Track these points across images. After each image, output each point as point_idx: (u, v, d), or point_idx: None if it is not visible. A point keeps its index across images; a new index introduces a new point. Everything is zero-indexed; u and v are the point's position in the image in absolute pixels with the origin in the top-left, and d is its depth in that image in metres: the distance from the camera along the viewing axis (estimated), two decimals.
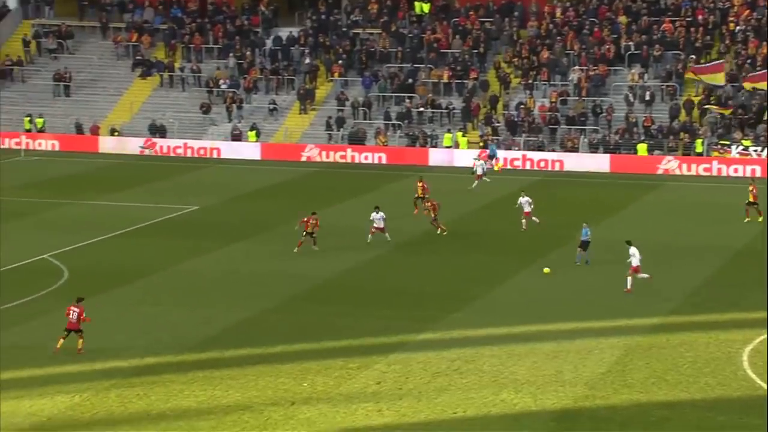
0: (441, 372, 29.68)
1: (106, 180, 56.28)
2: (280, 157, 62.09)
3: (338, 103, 65.56)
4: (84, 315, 31.20)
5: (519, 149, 61.59)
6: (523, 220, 44.57)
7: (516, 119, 63.14)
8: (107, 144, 64.09)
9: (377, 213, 42.26)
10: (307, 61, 68.17)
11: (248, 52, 69.15)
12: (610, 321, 33.81)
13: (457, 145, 61.73)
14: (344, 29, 70.32)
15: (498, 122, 63.41)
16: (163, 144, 63.65)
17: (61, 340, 31.01)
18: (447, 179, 53.92)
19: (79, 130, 65.17)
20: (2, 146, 63.51)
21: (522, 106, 63.63)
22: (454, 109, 64.46)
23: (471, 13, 69.33)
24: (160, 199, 51.46)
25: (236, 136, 64.29)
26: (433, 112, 64.59)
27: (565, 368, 29.76)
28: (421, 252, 42.50)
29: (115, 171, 58.88)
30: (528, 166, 60.47)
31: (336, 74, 67.48)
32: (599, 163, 60.14)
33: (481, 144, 61.52)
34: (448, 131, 62.84)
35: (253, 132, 63.96)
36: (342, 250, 41.72)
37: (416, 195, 47.01)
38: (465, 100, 64.37)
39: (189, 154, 63.19)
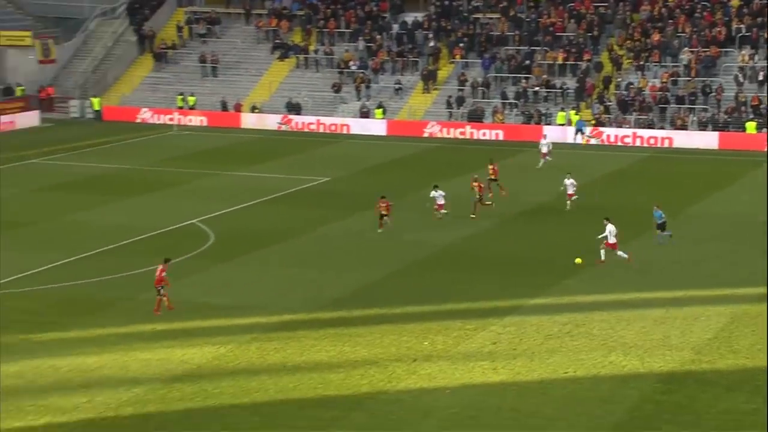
0: (553, 334, 29.39)
1: (248, 153, 57.01)
2: (404, 133, 62.03)
3: (459, 83, 65.16)
4: (164, 275, 31.29)
5: (630, 127, 60.36)
6: (568, 201, 43.19)
7: (627, 98, 61.87)
8: (249, 120, 64.88)
9: (436, 191, 41.24)
10: (431, 44, 67.87)
11: (377, 36, 69.19)
12: (717, 290, 32.99)
13: (569, 123, 60.79)
14: (465, 14, 69.74)
15: (610, 101, 62.24)
16: (298, 120, 64.17)
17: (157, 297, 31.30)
18: (559, 155, 53.16)
19: (224, 107, 66.14)
20: (158, 122, 64.78)
21: (633, 86, 62.31)
22: (567, 88, 63.48)
23: None
24: (295, 171, 51.94)
25: (364, 114, 64.48)
26: (547, 92, 63.70)
27: (672, 333, 29.18)
28: (536, 222, 42.07)
29: (255, 145, 59.60)
30: (638, 143, 59.23)
31: (457, 56, 67.04)
32: (708, 140, 58.53)
33: (593, 122, 60.48)
34: (562, 110, 61.95)
35: (380, 110, 64.03)
36: (461, 219, 41.51)
37: (489, 177, 45.58)
38: (578, 81, 63.33)
39: (321, 130, 63.60)
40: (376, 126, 63.32)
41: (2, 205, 44.47)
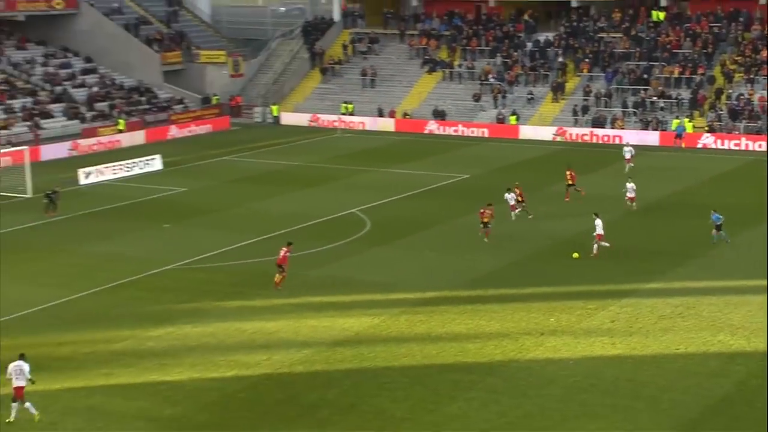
0: (666, 315, 28.65)
1: (399, 153, 57.28)
2: (535, 137, 61.28)
3: (584, 93, 63.90)
4: (288, 255, 31.58)
5: (739, 133, 58.06)
6: (630, 203, 41.02)
7: (737, 108, 59.53)
8: (400, 125, 65.07)
9: (509, 194, 39.89)
10: (560, 59, 66.78)
11: (513, 53, 68.52)
12: None
13: (683, 129, 58.88)
14: (591, 34, 68.32)
15: (721, 110, 59.99)
16: (444, 125, 64.02)
17: (276, 275, 31.60)
18: (672, 157, 51.56)
19: (380, 113, 66.62)
20: (325, 126, 65.78)
21: (743, 97, 59.91)
22: (682, 99, 61.49)
23: (702, 19, 65.91)
24: (439, 169, 51.92)
25: (500, 120, 63.97)
26: (664, 102, 61.84)
27: None
28: (649, 217, 40.96)
29: (406, 146, 59.83)
30: (747, 148, 56.93)
31: (584, 70, 65.78)
32: None
33: (706, 129, 58.45)
34: (676, 117, 60.04)
35: (514, 116, 63.41)
36: (585, 213, 40.76)
37: (567, 183, 43.47)
38: (693, 92, 61.25)
39: (462, 134, 63.40)
40: (510, 130, 62.75)
41: (200, 194, 46.04)
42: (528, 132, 62.28)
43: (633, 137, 58.45)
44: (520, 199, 41.28)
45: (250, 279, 32.85)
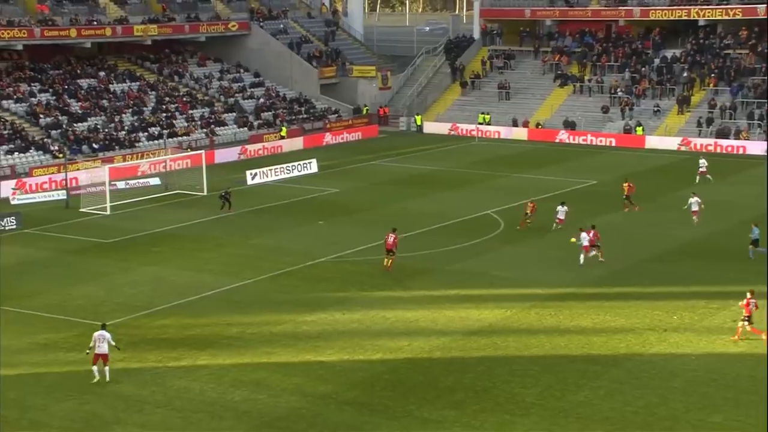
0: None
1: (532, 160, 56.49)
2: (660, 147, 59.19)
3: (709, 106, 61.26)
4: (396, 240, 31.82)
5: None
6: (694, 218, 38.06)
7: None
8: (533, 134, 64.14)
9: (563, 206, 37.78)
10: (685, 74, 64.23)
11: (641, 68, 66.43)
12: None
13: None
14: (717, 50, 65.44)
15: None
16: (573, 135, 62.65)
17: (385, 259, 31.74)
18: None
19: (514, 123, 65.86)
20: (464, 135, 65.56)
21: None
22: None
23: None
24: (569, 175, 50.89)
25: (627, 130, 62.12)
26: None
27: None
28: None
29: (538, 153, 58.95)
30: None
31: (709, 84, 63.05)
32: None
33: None
34: None
35: (640, 127, 61.48)
36: (709, 220, 39.09)
37: (624, 195, 41.25)
38: None
39: (591, 143, 61.91)
40: (636, 140, 60.85)
41: (351, 195, 46.76)
42: (654, 142, 60.23)
43: (758, 148, 55.65)
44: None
45: (393, 272, 33.04)
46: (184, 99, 63.15)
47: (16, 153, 51.34)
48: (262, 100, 66.60)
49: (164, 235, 38.65)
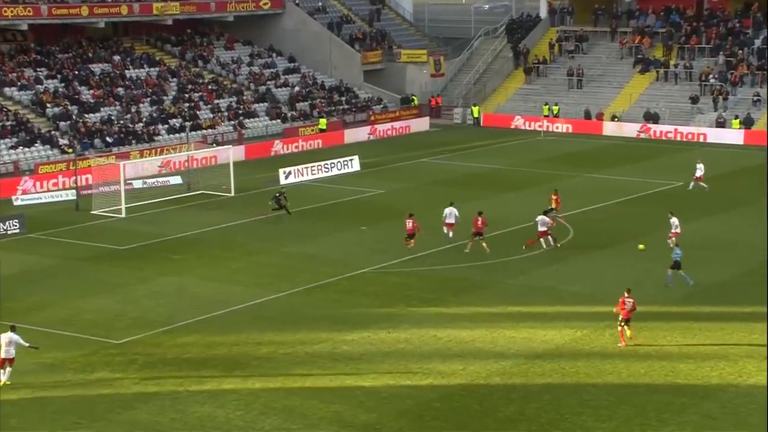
0: None
1: (607, 157, 56.07)
2: (760, 143, 58.31)
3: None
4: (417, 225, 36.27)
5: None
6: (669, 241, 36.28)
7: None
8: (609, 128, 63.73)
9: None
10: None
11: (738, 51, 65.54)
12: None
13: None
14: None
15: None
16: (656, 129, 62.15)
17: (409, 241, 35.57)
18: None
19: (587, 116, 65.44)
20: (528, 128, 65.30)
21: None
22: None
23: None
24: (650, 175, 50.40)
25: (720, 124, 61.33)
26: None
27: None
28: None
29: (614, 150, 58.49)
30: None
31: None
32: None
33: None
34: None
35: (736, 120, 60.64)
36: None
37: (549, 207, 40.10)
38: None
39: (678, 138, 61.25)
40: (732, 135, 60.07)
41: (397, 196, 46.81)
42: (752, 137, 59.32)
43: None
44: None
45: (445, 285, 33.05)
46: (209, 87, 63.88)
47: (20, 147, 52.38)
48: (297, 88, 67.09)
49: (186, 241, 39.10)
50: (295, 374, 25.74)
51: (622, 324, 27.35)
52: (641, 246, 34.39)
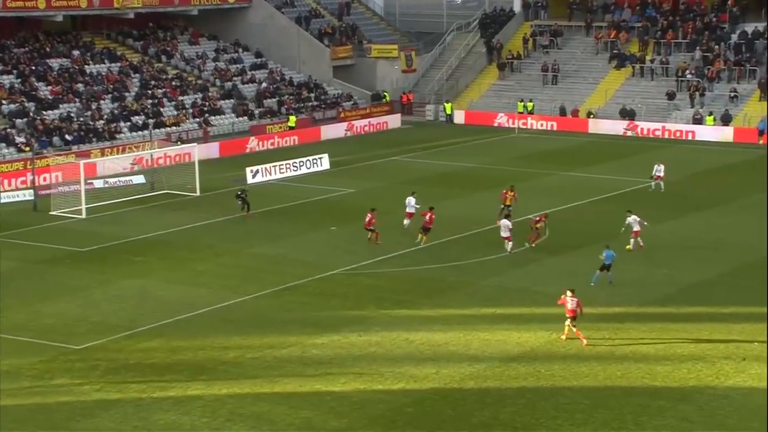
0: None
1: (582, 155, 56.37)
2: (740, 140, 58.90)
3: None
4: (374, 221, 36.27)
5: None
6: (632, 241, 36.77)
7: None
8: (593, 125, 63.80)
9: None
10: None
11: (714, 46, 66.15)
12: None
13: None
14: None
15: None
16: (643, 126, 62.09)
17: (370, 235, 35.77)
18: None
19: (562, 112, 65.78)
20: (502, 126, 65.46)
21: None
22: None
23: None
24: (627, 173, 50.70)
25: (697, 120, 61.89)
26: None
27: None
28: None
29: (590, 147, 58.81)
30: None
31: None
32: None
33: None
34: None
35: (711, 117, 61.25)
36: None
37: (504, 204, 40.64)
38: None
39: (653, 135, 61.70)
40: (708, 132, 60.63)
41: (368, 196, 46.79)
42: (729, 134, 59.90)
43: None
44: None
45: (417, 287, 33.09)
46: (173, 83, 63.57)
47: None
48: (264, 84, 66.92)
49: (150, 243, 38.89)
50: (263, 379, 25.67)
51: (569, 324, 27.85)
52: (628, 247, 34.41)
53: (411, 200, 39.54)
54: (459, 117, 67.76)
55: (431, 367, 26.34)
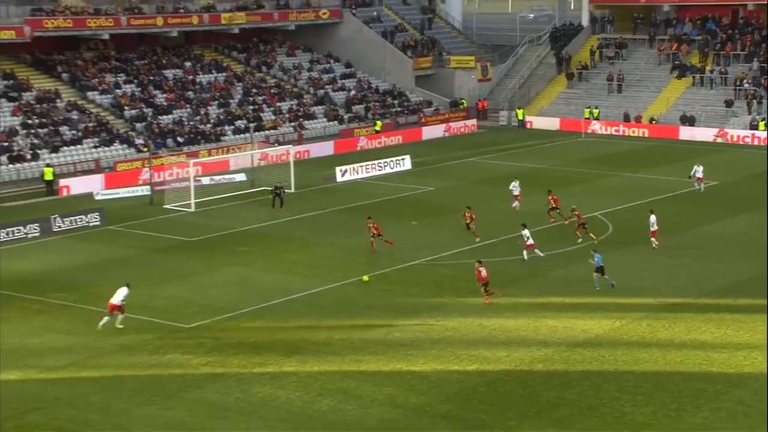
0: None
1: (645, 158, 55.32)
2: None
3: None
4: (377, 226, 35.44)
5: None
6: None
7: None
8: (684, 133, 62.06)
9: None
10: None
11: None
12: None
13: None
14: None
15: None
16: (733, 134, 60.01)
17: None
18: None
19: (626, 118, 64.63)
20: (569, 130, 64.61)
21: None
22: None
23: None
24: (686, 175, 49.52)
25: (753, 126, 60.18)
26: None
27: None
28: None
29: (651, 151, 57.66)
30: None
31: None
32: None
33: None
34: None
35: (763, 122, 59.52)
36: None
37: (551, 206, 39.50)
38: None
39: (712, 140, 60.17)
40: (763, 136, 58.96)
41: (446, 194, 46.73)
42: None
43: None
44: (469, 219, 37.69)
45: (491, 277, 32.82)
46: (272, 91, 64.25)
47: (101, 146, 53.23)
48: (353, 92, 67.19)
49: (250, 234, 39.42)
50: (350, 359, 25.80)
51: (483, 287, 29.81)
52: (365, 278, 32.48)
53: (516, 184, 42.07)
54: (530, 122, 67.05)
55: (503, 350, 26.17)
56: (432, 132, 63.57)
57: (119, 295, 28.21)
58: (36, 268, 34.94)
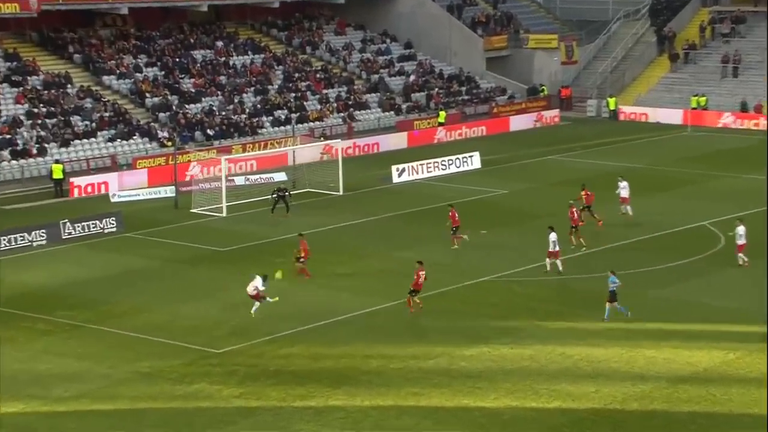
0: None
1: (762, 156, 54.44)
2: None
3: None
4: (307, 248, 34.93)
5: None
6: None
7: None
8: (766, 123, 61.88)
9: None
10: None
11: None
12: None
13: None
14: None
15: None
16: None
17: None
18: None
19: (744, 108, 63.82)
20: (672, 122, 63.94)
21: None
22: None
23: None
24: None
25: None
26: None
27: None
28: None
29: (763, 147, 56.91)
30: None
31: None
32: None
33: None
34: None
35: None
36: None
37: (583, 205, 39.78)
38: None
39: None
40: None
41: (521, 197, 46.58)
42: None
43: None
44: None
45: (575, 296, 32.74)
46: (318, 76, 64.80)
47: (118, 140, 54.11)
48: (413, 77, 67.45)
49: (291, 244, 39.71)
50: (408, 392, 25.89)
51: (411, 294, 31.08)
52: (278, 274, 32.93)
53: (625, 184, 41.90)
54: (624, 113, 66.56)
55: (590, 385, 26.03)
56: (506, 125, 63.48)
57: (254, 286, 30.85)
58: (42, 281, 35.66)
